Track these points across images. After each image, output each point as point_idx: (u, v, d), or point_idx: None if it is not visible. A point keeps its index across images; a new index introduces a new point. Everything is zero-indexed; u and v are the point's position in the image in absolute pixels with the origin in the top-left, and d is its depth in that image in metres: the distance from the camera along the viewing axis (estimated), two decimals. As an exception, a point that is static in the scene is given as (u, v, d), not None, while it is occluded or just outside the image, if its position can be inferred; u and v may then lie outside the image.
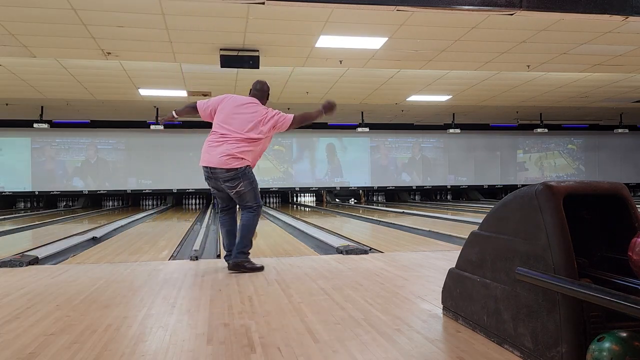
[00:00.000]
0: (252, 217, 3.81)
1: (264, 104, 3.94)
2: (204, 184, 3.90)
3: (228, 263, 3.81)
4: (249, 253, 3.80)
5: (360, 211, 12.56)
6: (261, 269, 3.77)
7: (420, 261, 4.10)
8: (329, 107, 3.98)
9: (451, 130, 14.94)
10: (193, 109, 3.96)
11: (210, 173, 3.73)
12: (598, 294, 1.42)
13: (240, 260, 3.72)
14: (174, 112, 3.98)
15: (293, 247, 5.57)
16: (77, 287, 3.21)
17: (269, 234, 7.13)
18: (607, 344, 1.51)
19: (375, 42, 7.02)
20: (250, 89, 4.01)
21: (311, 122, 4.03)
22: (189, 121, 12.83)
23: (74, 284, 3.31)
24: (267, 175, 16.36)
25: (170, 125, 13.81)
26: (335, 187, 17.29)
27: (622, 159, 18.42)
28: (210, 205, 14.45)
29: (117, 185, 15.73)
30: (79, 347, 2.05)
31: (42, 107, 12.36)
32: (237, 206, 3.96)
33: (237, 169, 3.68)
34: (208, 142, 3.78)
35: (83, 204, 15.88)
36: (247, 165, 3.75)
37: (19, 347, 2.06)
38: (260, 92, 3.97)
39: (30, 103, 11.68)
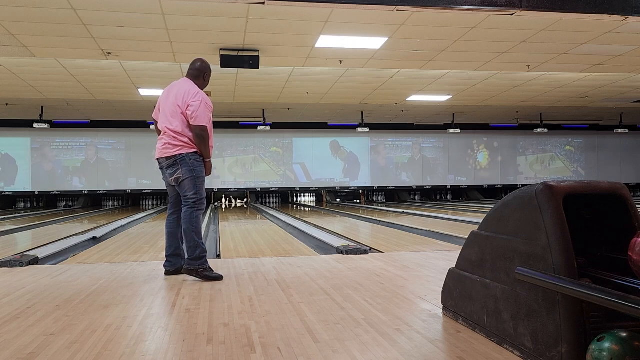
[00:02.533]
0: (189, 215, 3.50)
1: (200, 85, 3.65)
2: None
3: (165, 269, 3.64)
4: (201, 257, 3.45)
5: (360, 211, 12.56)
6: (218, 278, 3.43)
7: (420, 261, 4.10)
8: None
9: (451, 130, 14.95)
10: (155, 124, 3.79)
11: (159, 165, 3.65)
12: (598, 294, 1.42)
13: (192, 267, 3.43)
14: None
15: (293, 247, 5.56)
16: (77, 287, 3.21)
17: (269, 234, 7.12)
18: (607, 344, 1.51)
19: (375, 42, 7.02)
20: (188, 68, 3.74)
21: (204, 147, 3.54)
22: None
23: (74, 284, 3.31)
24: (266, 176, 16.37)
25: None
26: (335, 187, 17.29)
27: (622, 159, 18.43)
28: (211, 206, 14.45)
29: (117, 185, 15.73)
30: (79, 347, 2.05)
31: (42, 107, 12.36)
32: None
33: (175, 155, 3.50)
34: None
35: (83, 204, 15.88)
36: (190, 152, 3.50)
37: (19, 347, 2.06)
38: (196, 71, 3.66)
39: (30, 103, 11.68)
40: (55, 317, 2.50)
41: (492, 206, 2.29)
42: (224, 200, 17.27)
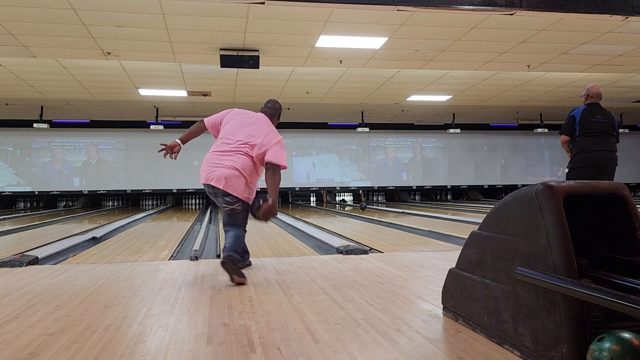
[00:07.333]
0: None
1: (274, 124, 3.74)
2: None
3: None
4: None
5: (361, 211, 12.56)
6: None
7: (420, 261, 4.10)
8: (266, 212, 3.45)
9: (451, 130, 14.95)
10: (199, 128, 3.75)
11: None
12: (598, 294, 1.42)
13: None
14: (178, 141, 3.70)
15: (293, 247, 5.56)
16: (77, 287, 3.21)
17: (269, 234, 7.12)
18: (607, 344, 1.51)
19: (375, 42, 7.02)
20: (262, 107, 3.82)
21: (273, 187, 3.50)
22: (189, 121, 12.83)
23: (74, 284, 3.31)
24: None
25: (170, 125, 13.81)
26: (335, 187, 17.30)
27: (622, 159, 18.37)
28: (210, 204, 14.44)
29: (117, 185, 15.74)
30: (79, 347, 2.05)
31: (42, 107, 12.36)
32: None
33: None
34: None
35: (83, 204, 15.88)
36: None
37: (18, 347, 2.06)
38: (273, 110, 3.77)
39: (30, 103, 11.69)
40: (55, 317, 2.50)
41: (492, 206, 2.29)
42: None
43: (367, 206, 13.88)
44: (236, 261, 3.27)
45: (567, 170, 5.18)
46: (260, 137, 3.52)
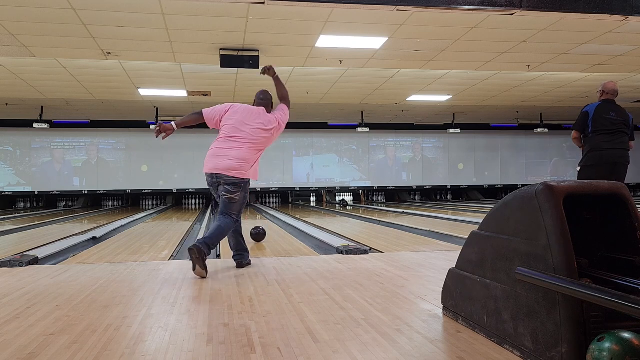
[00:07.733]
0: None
1: (269, 112, 4.10)
2: (204, 184, 3.91)
3: (236, 262, 3.92)
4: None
5: (360, 211, 12.56)
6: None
7: (420, 261, 4.10)
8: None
9: (451, 130, 14.95)
10: (197, 118, 3.93)
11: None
12: (598, 294, 1.42)
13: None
14: (173, 124, 3.85)
15: (293, 247, 5.56)
16: (77, 287, 3.21)
17: (269, 234, 7.12)
18: (607, 344, 1.51)
19: (375, 42, 7.02)
20: (255, 100, 4.12)
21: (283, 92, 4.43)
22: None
23: (74, 284, 3.31)
24: (266, 176, 16.35)
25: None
26: (335, 187, 17.30)
27: (622, 159, 18.38)
28: (210, 205, 14.44)
29: (117, 185, 15.74)
30: (79, 347, 2.04)
31: (42, 107, 12.36)
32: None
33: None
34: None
35: (83, 204, 15.88)
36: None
37: (18, 347, 2.06)
38: (266, 100, 4.15)
39: (30, 103, 11.69)
40: (55, 317, 2.50)
41: (492, 206, 2.29)
42: None
43: (367, 206, 13.87)
44: (202, 253, 3.45)
45: (578, 168, 5.13)
46: (272, 123, 4.09)
